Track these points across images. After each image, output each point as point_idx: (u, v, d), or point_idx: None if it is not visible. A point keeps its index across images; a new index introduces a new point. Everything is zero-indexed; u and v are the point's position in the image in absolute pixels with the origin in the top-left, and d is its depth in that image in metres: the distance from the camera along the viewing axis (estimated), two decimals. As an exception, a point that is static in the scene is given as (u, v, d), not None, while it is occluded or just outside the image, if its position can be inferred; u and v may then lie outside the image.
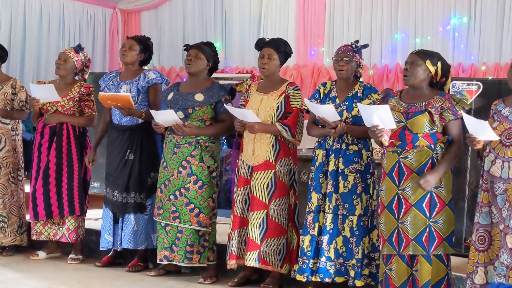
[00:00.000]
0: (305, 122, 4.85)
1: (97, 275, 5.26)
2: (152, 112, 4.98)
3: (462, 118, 4.13)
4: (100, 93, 5.28)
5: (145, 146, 5.32)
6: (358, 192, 4.57)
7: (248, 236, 4.79)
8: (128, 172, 5.31)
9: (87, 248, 5.74)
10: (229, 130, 5.10)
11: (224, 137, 6.55)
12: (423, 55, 4.17)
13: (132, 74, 5.39)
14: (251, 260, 4.78)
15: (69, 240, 5.59)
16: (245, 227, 4.86)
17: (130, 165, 5.31)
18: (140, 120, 5.28)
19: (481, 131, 3.75)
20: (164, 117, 4.95)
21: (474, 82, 5.15)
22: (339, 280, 4.60)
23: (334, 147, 4.61)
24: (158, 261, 5.18)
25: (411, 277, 4.16)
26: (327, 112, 4.51)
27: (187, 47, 5.18)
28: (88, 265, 5.55)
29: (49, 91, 5.39)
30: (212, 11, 9.28)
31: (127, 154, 5.32)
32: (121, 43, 7.22)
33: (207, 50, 5.11)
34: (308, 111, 4.80)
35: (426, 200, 4.08)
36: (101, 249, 5.46)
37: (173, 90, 5.16)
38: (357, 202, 4.56)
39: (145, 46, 5.43)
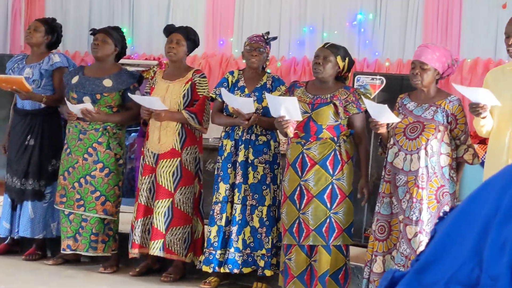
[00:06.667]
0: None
1: (-8, 264, 5.09)
2: (69, 105, 4.85)
3: (366, 111, 4.23)
4: None
5: (46, 131, 5.19)
6: (267, 182, 4.59)
7: (153, 225, 4.74)
8: (28, 158, 5.17)
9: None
10: (136, 118, 5.03)
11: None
12: (335, 49, 4.24)
13: (38, 57, 5.25)
14: (155, 249, 4.73)
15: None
16: (149, 215, 4.80)
17: (30, 151, 5.17)
18: (42, 105, 5.13)
19: (382, 114, 3.87)
20: (76, 108, 4.84)
21: (378, 77, 5.27)
22: (246, 270, 4.61)
23: (243, 138, 4.61)
24: (61, 251, 5.06)
25: (309, 267, 4.23)
26: (244, 104, 4.47)
27: (94, 31, 5.08)
28: (-16, 253, 5.36)
29: None
30: (120, -5, 9.08)
31: (28, 139, 5.18)
32: (24, 25, 6.96)
33: (114, 34, 5.03)
34: (212, 100, 4.78)
35: (327, 191, 4.16)
36: None
37: (77, 74, 5.03)
38: (266, 193, 4.59)
39: (51, 27, 5.31)
